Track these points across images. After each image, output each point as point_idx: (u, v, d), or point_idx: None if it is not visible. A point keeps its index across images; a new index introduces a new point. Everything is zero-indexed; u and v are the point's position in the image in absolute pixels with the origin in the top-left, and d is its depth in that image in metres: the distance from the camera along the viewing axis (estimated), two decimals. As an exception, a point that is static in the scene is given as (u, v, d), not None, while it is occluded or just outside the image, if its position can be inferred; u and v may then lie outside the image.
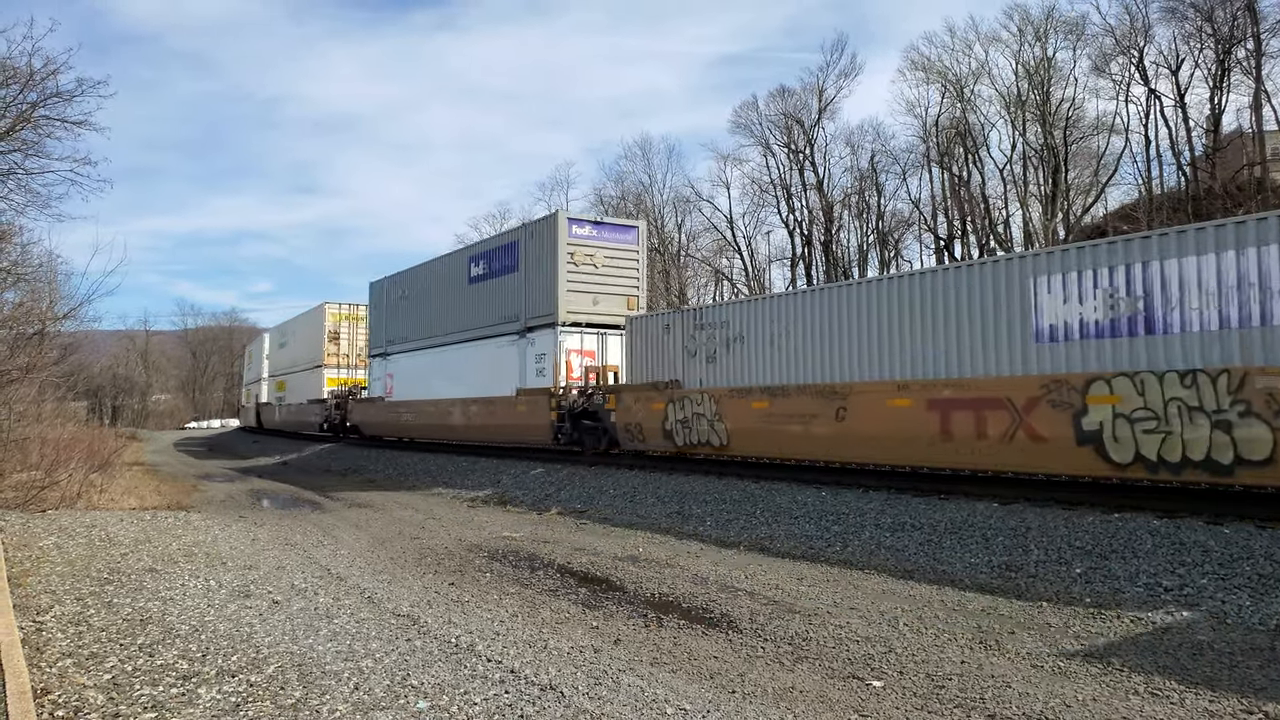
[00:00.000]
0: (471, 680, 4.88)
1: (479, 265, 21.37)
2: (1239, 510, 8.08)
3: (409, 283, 25.44)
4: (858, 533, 9.35)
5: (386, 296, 27.00)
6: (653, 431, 15.08)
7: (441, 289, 23.12)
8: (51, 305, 15.90)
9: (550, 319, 17.84)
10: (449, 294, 22.61)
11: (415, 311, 24.58)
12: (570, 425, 17.08)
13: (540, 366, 18.22)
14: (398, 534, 11.10)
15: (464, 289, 21.80)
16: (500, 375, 19.49)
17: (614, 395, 16.23)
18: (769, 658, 5.44)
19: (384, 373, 26.47)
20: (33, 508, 11.94)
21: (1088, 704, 4.49)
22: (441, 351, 22.74)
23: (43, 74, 14.42)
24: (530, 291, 18.82)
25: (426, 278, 24.28)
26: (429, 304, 23.71)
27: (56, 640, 5.59)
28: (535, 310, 18.56)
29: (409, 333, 24.80)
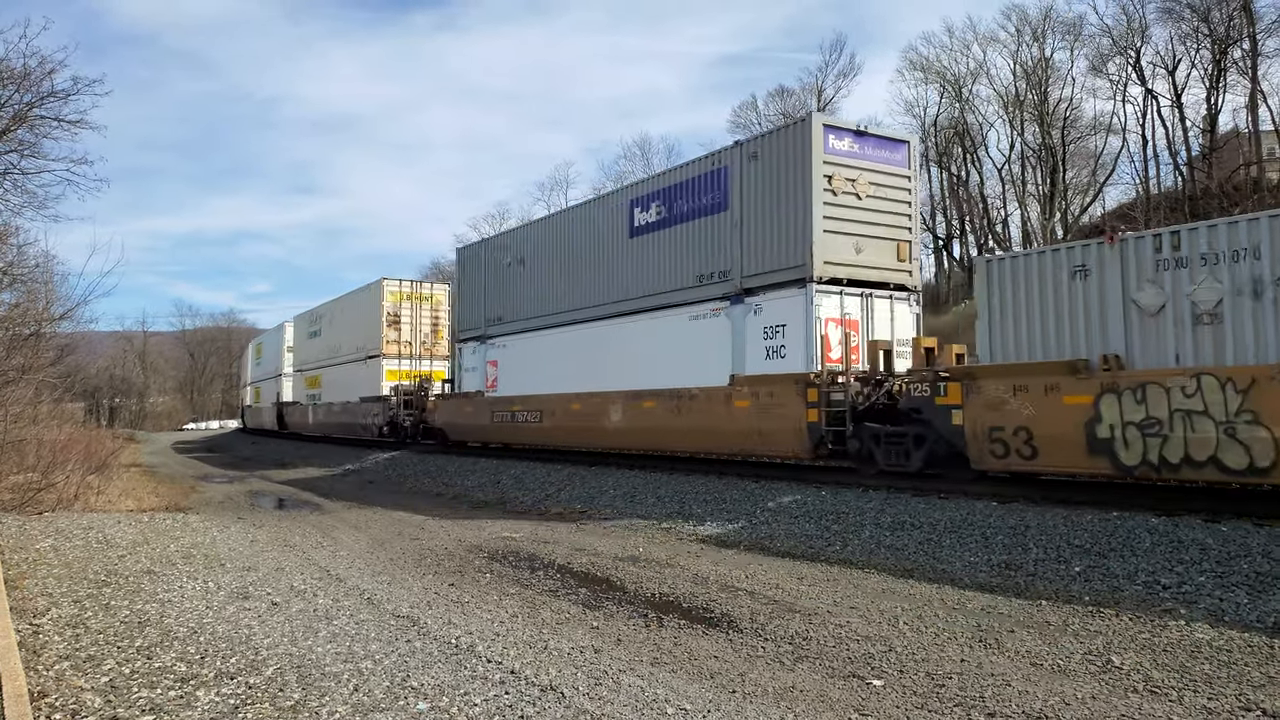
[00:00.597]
0: (471, 681, 4.87)
1: (650, 209, 15.49)
2: (1237, 508, 8.09)
3: (523, 244, 19.69)
4: (857, 532, 9.35)
5: (486, 264, 21.04)
6: (1059, 442, 9.23)
7: (582, 247, 17.43)
8: (48, 306, 15.91)
9: (796, 273, 12.53)
10: (596, 252, 16.91)
11: (535, 280, 18.99)
12: (848, 430, 11.66)
13: (776, 344, 12.89)
14: (397, 535, 11.09)
15: (622, 244, 16.08)
16: (696, 358, 14.01)
17: (958, 382, 10.32)
18: (769, 657, 5.44)
19: (482, 361, 20.82)
20: (29, 510, 11.91)
21: (1087, 702, 4.49)
22: (582, 330, 17.10)
23: (39, 74, 14.45)
24: (753, 237, 13.38)
25: (553, 235, 18.70)
26: (559, 269, 18.12)
27: (54, 643, 5.58)
28: (763, 263, 13.17)
29: (525, 308, 19.19)
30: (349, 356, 28.88)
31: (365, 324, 27.43)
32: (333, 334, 31.32)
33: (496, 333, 20.39)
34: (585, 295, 17.19)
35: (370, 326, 26.97)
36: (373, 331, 26.80)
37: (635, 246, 15.81)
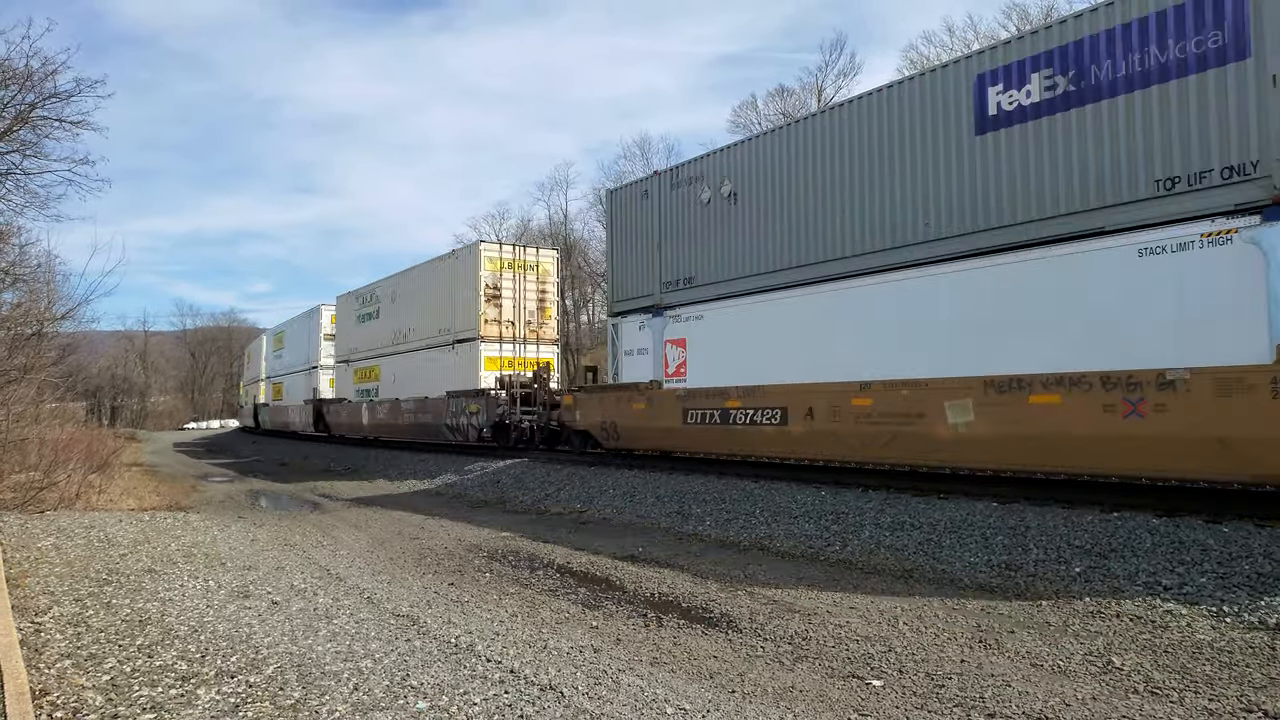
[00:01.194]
0: (471, 680, 4.87)
1: (1027, 81, 9.71)
2: (1238, 508, 8.08)
3: (735, 169, 13.76)
4: (857, 532, 9.35)
5: (663, 206, 15.34)
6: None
7: (862, 163, 11.63)
8: (50, 306, 15.92)
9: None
10: (893, 167, 11.18)
11: (759, 220, 13.18)
12: None
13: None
14: (397, 534, 11.09)
15: (958, 147, 10.43)
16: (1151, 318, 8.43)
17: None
18: (769, 657, 5.44)
19: (657, 339, 15.05)
20: (31, 509, 11.93)
21: (1087, 703, 4.48)
22: (859, 289, 11.51)
23: (41, 74, 14.46)
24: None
25: (795, 152, 12.70)
26: (812, 199, 12.30)
27: (55, 641, 5.59)
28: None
29: (739, 262, 13.52)
30: (420, 342, 23.63)
31: (452, 301, 22.02)
32: (396, 315, 25.47)
33: (682, 300, 14.70)
34: (867, 234, 11.46)
35: (461, 303, 21.43)
36: (466, 310, 21.22)
37: (989, 147, 10.06)
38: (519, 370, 20.65)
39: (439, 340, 22.65)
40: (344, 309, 30.36)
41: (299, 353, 35.78)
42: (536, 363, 21.00)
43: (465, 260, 21.63)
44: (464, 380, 21.08)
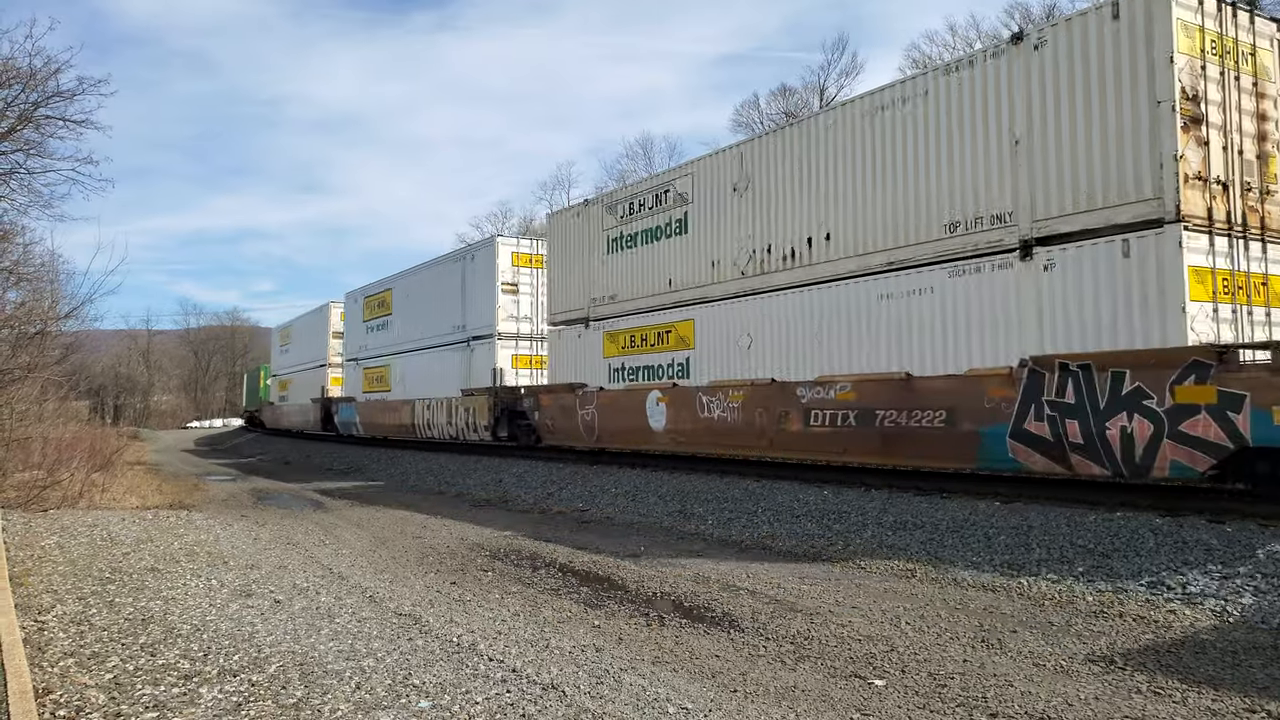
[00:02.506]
0: (473, 679, 4.88)
1: None
2: (1241, 508, 8.06)
3: None
4: (859, 531, 9.34)
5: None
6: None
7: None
8: (53, 305, 15.94)
9: None
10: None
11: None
12: None
13: None
14: (399, 533, 11.10)
15: None
16: None
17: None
18: (771, 657, 5.44)
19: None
20: (35, 507, 11.96)
21: (1090, 703, 4.48)
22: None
23: (44, 73, 14.47)
24: None
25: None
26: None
27: (58, 640, 5.60)
28: None
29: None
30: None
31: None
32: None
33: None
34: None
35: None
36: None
37: None
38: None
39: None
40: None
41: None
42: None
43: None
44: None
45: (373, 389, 27.21)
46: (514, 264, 20.66)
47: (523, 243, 21.26)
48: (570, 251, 17.59)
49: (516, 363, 20.45)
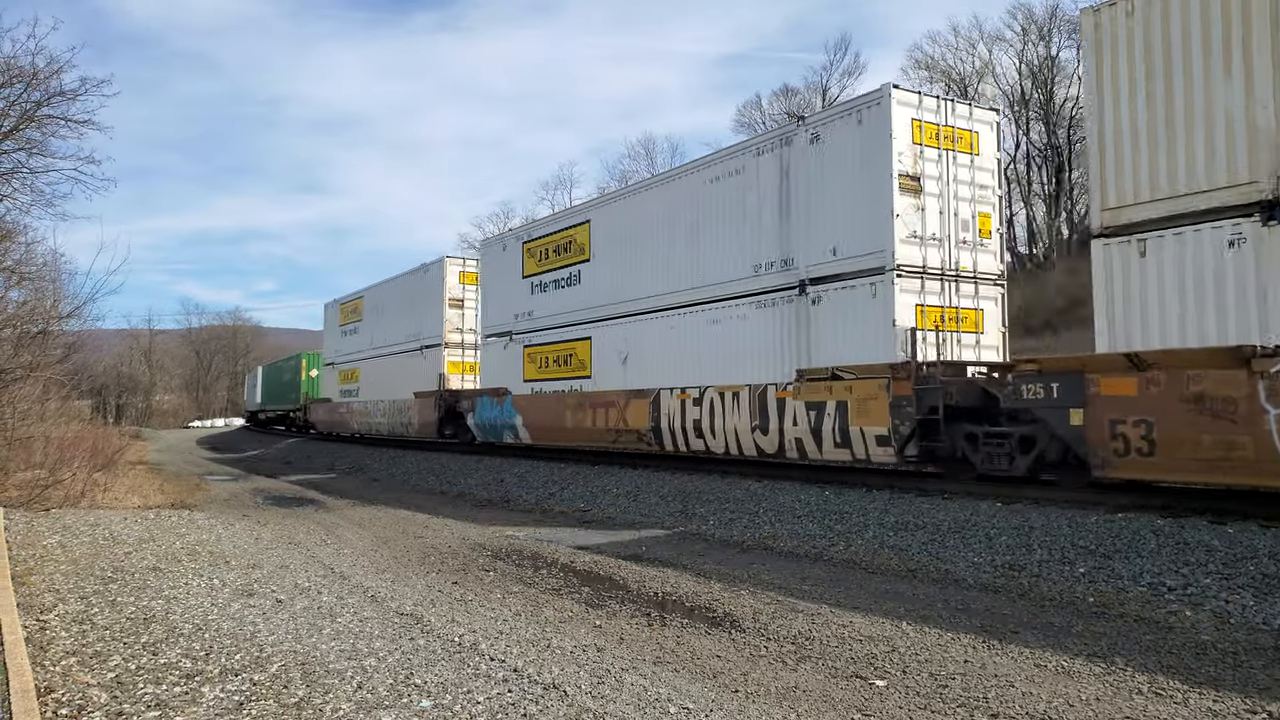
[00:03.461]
0: (475, 679, 4.88)
1: None
2: (1243, 509, 8.06)
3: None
4: (861, 532, 9.35)
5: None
6: None
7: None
8: (56, 304, 15.95)
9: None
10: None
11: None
12: None
13: None
14: (400, 533, 11.11)
15: None
16: None
17: None
18: (772, 657, 5.44)
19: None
20: (37, 506, 11.98)
21: (1091, 704, 4.48)
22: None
23: (46, 73, 14.48)
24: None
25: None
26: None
27: (60, 639, 5.61)
28: None
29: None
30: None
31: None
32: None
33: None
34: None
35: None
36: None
37: None
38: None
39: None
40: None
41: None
42: None
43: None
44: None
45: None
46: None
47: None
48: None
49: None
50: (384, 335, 27.25)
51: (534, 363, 19.32)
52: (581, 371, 17.57)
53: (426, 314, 24.32)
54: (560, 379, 18.28)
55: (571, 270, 18.24)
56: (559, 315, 18.41)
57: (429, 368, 23.65)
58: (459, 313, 23.38)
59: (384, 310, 27.55)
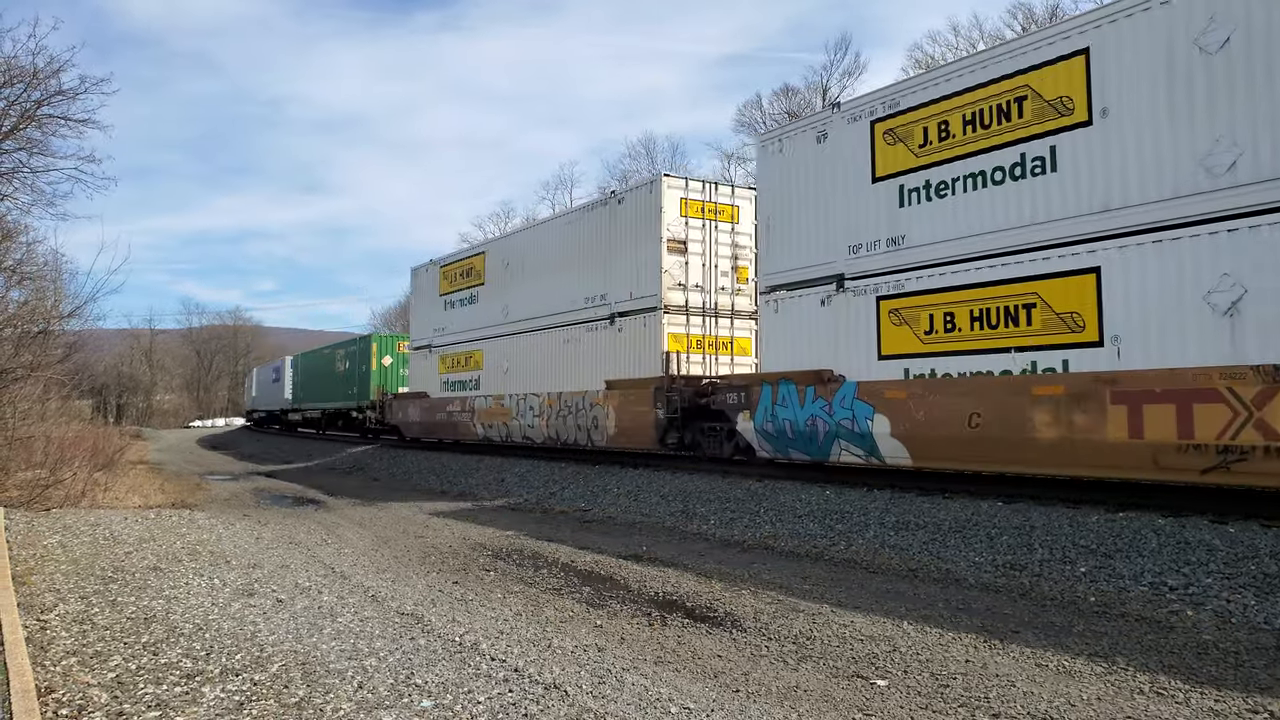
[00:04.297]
0: (475, 679, 4.88)
1: None
2: (1244, 509, 8.05)
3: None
4: (862, 531, 9.34)
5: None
6: None
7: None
8: (56, 304, 15.95)
9: None
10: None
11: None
12: None
13: None
14: (401, 532, 11.11)
15: None
16: None
17: None
18: (773, 656, 5.44)
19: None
20: (37, 506, 11.98)
21: (1092, 703, 4.47)
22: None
23: (47, 72, 14.48)
24: None
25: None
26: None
27: (60, 639, 5.60)
28: None
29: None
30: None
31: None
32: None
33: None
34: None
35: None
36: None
37: None
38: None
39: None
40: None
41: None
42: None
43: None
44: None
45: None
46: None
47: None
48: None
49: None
50: (529, 302, 19.02)
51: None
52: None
53: (623, 265, 16.03)
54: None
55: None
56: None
57: (635, 344, 15.61)
58: (680, 261, 15.26)
59: (525, 268, 19.39)
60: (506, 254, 20.45)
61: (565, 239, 17.99)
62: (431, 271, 24.47)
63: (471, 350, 21.74)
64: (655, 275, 15.20)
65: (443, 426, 22.88)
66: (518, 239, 20.84)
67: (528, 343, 19.02)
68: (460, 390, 22.15)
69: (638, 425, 15.04)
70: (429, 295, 24.59)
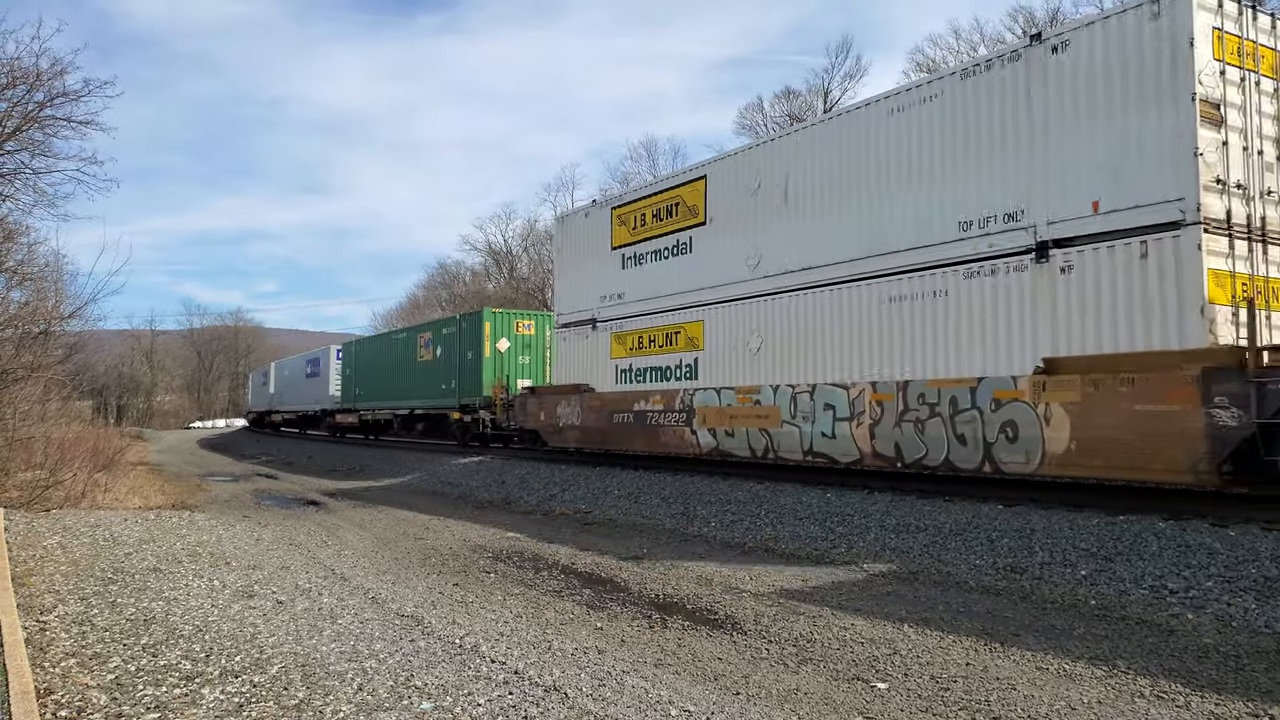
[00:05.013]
0: (475, 681, 4.87)
1: None
2: (1245, 513, 8.04)
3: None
4: (862, 534, 9.33)
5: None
6: None
7: None
8: (57, 304, 15.94)
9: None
10: None
11: None
12: None
13: None
14: (401, 534, 11.10)
15: None
16: None
17: None
18: (773, 659, 5.43)
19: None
20: (37, 507, 11.97)
21: (1093, 706, 4.46)
22: None
23: (50, 74, 14.48)
24: None
25: None
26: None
27: (60, 640, 5.60)
28: None
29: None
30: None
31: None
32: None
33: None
34: None
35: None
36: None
37: None
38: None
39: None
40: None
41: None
42: None
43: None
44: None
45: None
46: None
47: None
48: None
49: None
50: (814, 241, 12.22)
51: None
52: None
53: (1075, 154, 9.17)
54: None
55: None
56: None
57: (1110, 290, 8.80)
58: (1214, 141, 8.36)
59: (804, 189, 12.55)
60: (758, 172, 13.15)
61: (905, 132, 10.89)
62: (597, 217, 17.24)
63: (678, 323, 14.80)
64: (1171, 164, 8.28)
65: (624, 433, 15.80)
66: (785, 146, 12.93)
67: (807, 305, 12.12)
68: (657, 381, 15.17)
69: (1144, 441, 8.13)
70: (591, 251, 17.26)
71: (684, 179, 14.97)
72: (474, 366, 22.68)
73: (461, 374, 23.27)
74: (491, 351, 22.59)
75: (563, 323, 18.17)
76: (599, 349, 16.79)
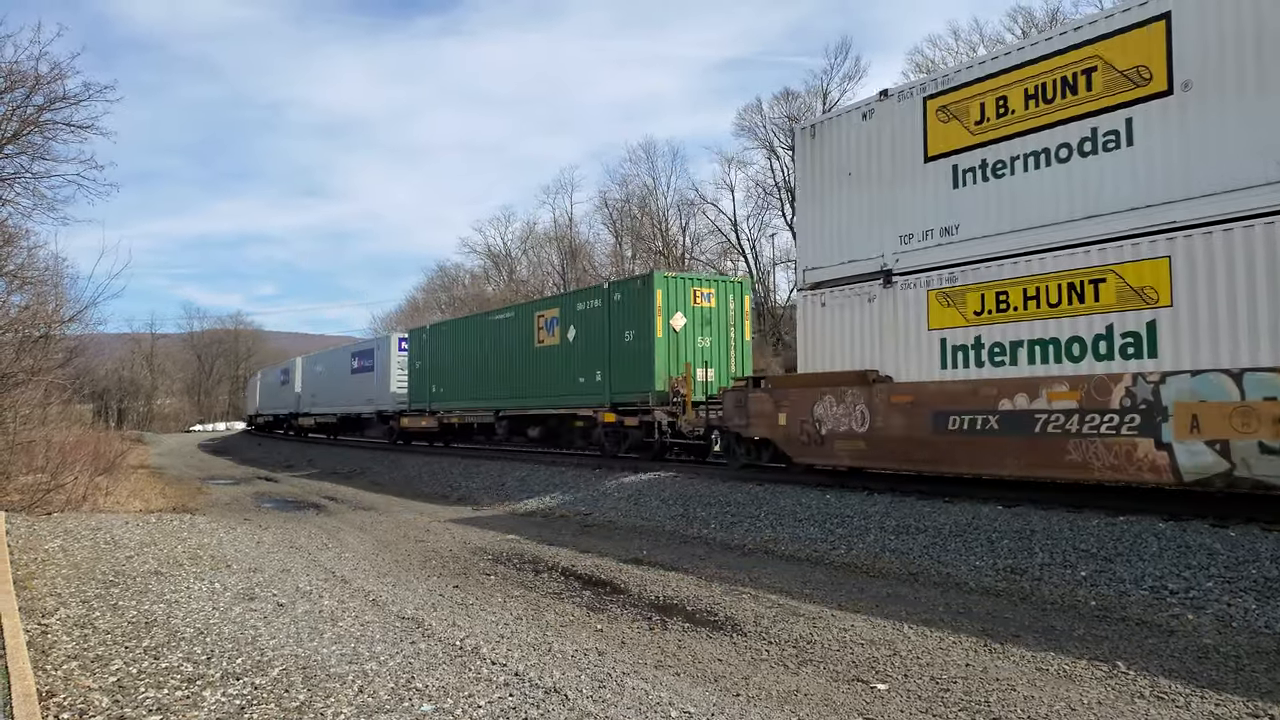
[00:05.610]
0: (476, 683, 4.88)
1: None
2: (1245, 513, 8.04)
3: None
4: (862, 535, 9.33)
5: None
6: None
7: None
8: (57, 308, 15.96)
9: None
10: None
11: None
12: None
13: None
14: (402, 537, 11.11)
15: None
16: None
17: None
18: (773, 660, 5.43)
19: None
20: (38, 510, 11.98)
21: (1093, 707, 4.47)
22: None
23: (49, 78, 14.50)
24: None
25: None
26: None
27: (62, 643, 5.61)
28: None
29: None
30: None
31: None
32: None
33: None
34: None
35: None
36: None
37: None
38: None
39: None
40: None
41: None
42: None
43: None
44: None
45: None
46: None
47: None
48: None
49: None
50: None
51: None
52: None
53: None
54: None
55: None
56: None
57: None
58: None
59: None
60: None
61: None
62: (891, 114, 11.11)
63: (1101, 265, 8.84)
64: None
65: (972, 447, 9.68)
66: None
67: None
68: (1051, 361, 9.17)
69: None
70: (877, 168, 11.32)
71: (1115, 26, 8.78)
72: (638, 351, 16.36)
73: (615, 362, 17.02)
74: (665, 330, 16.19)
75: (815, 280, 11.99)
76: (903, 316, 10.82)
